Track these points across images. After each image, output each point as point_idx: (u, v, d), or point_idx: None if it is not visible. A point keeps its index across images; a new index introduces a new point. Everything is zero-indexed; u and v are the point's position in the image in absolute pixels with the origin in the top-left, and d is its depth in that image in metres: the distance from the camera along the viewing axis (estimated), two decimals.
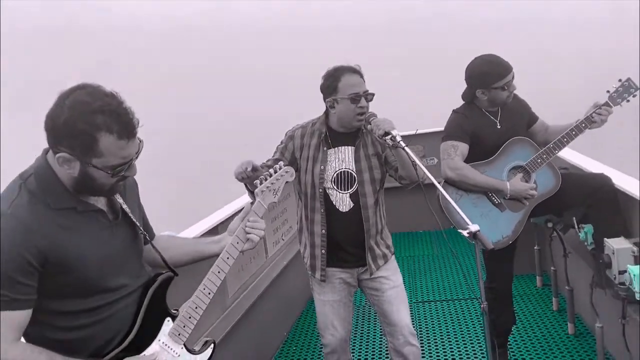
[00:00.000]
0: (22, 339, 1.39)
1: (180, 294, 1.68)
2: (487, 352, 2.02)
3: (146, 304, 1.57)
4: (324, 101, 2.40)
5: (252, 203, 1.76)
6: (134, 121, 1.39)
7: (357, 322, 3.82)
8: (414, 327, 2.60)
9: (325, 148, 2.40)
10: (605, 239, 2.45)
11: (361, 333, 3.73)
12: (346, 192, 2.40)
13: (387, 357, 3.28)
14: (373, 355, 3.46)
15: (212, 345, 1.68)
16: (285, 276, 3.81)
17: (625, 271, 2.31)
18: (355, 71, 2.34)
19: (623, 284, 2.35)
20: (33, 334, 1.41)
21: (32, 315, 1.37)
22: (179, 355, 1.57)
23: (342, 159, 2.41)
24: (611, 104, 2.57)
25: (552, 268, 3.65)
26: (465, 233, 1.94)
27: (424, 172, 2.15)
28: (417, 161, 2.17)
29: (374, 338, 3.65)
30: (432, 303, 4.06)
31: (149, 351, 1.52)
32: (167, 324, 1.58)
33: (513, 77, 2.67)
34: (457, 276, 4.52)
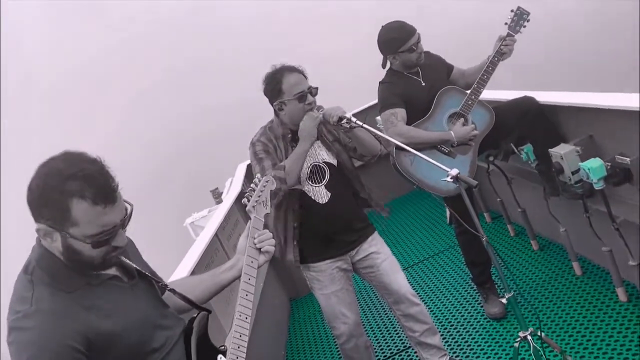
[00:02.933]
0: None
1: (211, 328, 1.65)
2: (501, 277, 2.14)
3: (194, 349, 1.52)
4: (271, 105, 2.42)
5: (249, 220, 1.77)
6: (113, 185, 1.31)
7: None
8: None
9: (294, 145, 2.42)
10: (550, 149, 2.68)
11: (369, 315, 3.81)
12: (320, 184, 2.45)
13: (402, 329, 3.37)
14: (388, 330, 3.54)
15: None
16: (265, 297, 3.78)
17: (578, 170, 2.54)
18: (294, 69, 2.38)
19: (579, 181, 2.59)
20: None
21: None
22: None
23: (310, 154, 2.45)
24: (513, 34, 2.81)
25: (498, 199, 3.91)
26: (448, 179, 2.05)
27: (389, 139, 2.25)
28: (378, 132, 2.27)
29: (381, 315, 3.74)
30: (416, 265, 4.22)
31: None
32: None
33: (419, 39, 2.85)
34: (429, 233, 4.74)
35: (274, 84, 2.36)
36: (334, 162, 2.50)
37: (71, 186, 1.25)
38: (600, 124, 2.63)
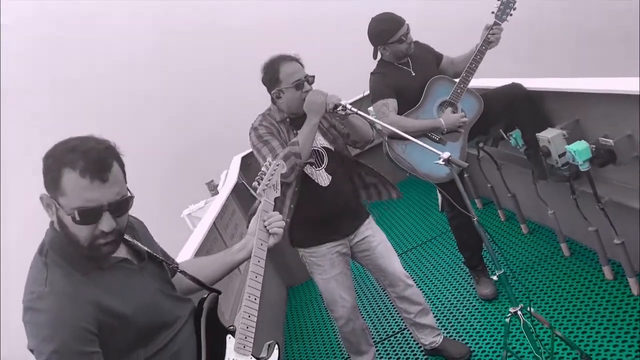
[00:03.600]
0: None
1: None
2: (491, 255, 2.24)
3: (204, 329, 1.59)
4: (269, 93, 2.49)
5: (259, 203, 1.83)
6: (107, 164, 1.33)
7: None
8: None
9: (295, 131, 2.49)
10: (537, 134, 2.78)
11: (364, 300, 3.92)
12: (321, 167, 2.52)
13: (396, 312, 3.47)
14: (383, 313, 3.65)
15: (276, 347, 1.74)
16: (263, 285, 3.85)
17: (564, 153, 2.64)
18: (292, 59, 2.44)
19: (565, 164, 2.68)
20: None
21: None
22: None
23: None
24: (499, 22, 2.90)
25: (489, 185, 4.01)
26: (440, 162, 2.14)
27: (384, 126, 2.34)
28: (373, 119, 2.35)
29: (376, 300, 3.84)
30: (410, 252, 4.32)
31: None
32: (230, 341, 1.61)
33: (408, 30, 2.93)
34: (422, 220, 4.84)
35: (272, 73, 2.42)
36: (331, 147, 2.58)
37: (68, 157, 1.30)
38: (584, 108, 2.73)
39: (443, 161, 2.14)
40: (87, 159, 1.29)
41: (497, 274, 2.27)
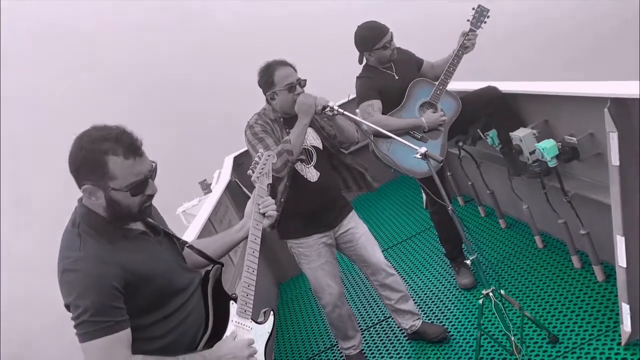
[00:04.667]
0: None
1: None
2: (465, 241, 2.45)
3: (211, 295, 1.82)
4: (265, 95, 2.70)
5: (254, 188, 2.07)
6: (137, 142, 1.59)
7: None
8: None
9: (288, 130, 2.69)
10: (510, 133, 3.00)
11: (350, 290, 4.14)
12: (310, 165, 2.73)
13: (381, 302, 3.69)
14: (369, 302, 3.87)
15: (271, 313, 1.95)
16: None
17: (534, 151, 2.87)
18: (285, 63, 2.65)
19: (536, 161, 2.91)
20: (135, 352, 1.59)
21: None
22: (251, 328, 1.83)
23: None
24: (474, 29, 3.13)
25: (470, 183, 4.24)
26: (418, 156, 2.36)
27: (370, 126, 2.55)
28: (359, 119, 2.57)
29: (362, 290, 4.05)
30: (395, 247, 4.55)
31: (228, 332, 1.77)
32: (233, 306, 1.84)
33: (392, 37, 3.14)
34: (407, 217, 5.07)
35: (267, 76, 2.63)
36: (320, 145, 2.79)
37: (104, 146, 1.53)
38: (553, 110, 2.96)
39: (420, 155, 2.36)
40: (122, 142, 1.55)
41: (470, 259, 2.48)
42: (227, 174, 4.85)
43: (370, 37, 3.10)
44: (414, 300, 3.21)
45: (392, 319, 3.45)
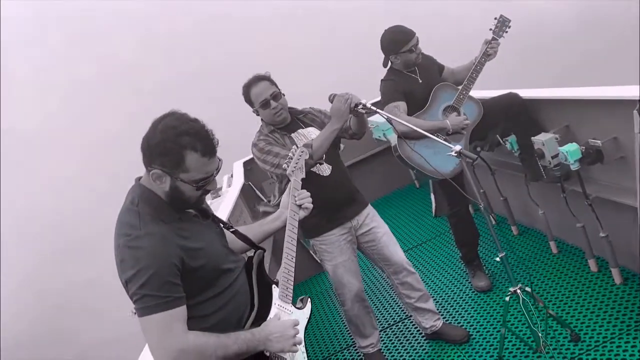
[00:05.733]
0: None
1: None
2: (495, 239, 2.51)
3: (255, 278, 1.86)
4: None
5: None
6: (214, 141, 1.66)
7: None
8: None
9: (286, 135, 2.78)
10: (532, 137, 3.09)
11: (368, 291, 4.18)
12: (322, 161, 2.78)
13: (397, 303, 3.77)
14: (388, 302, 3.91)
15: (309, 300, 1.99)
16: None
17: (557, 155, 2.95)
18: (259, 79, 2.75)
19: (557, 165, 2.99)
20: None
21: None
22: (292, 312, 1.88)
23: (308, 137, 2.79)
24: (497, 37, 3.22)
25: (482, 190, 4.31)
26: (453, 154, 2.42)
27: (402, 122, 2.62)
28: (391, 116, 2.63)
29: (380, 290, 4.10)
30: (406, 252, 4.56)
31: (272, 314, 1.82)
32: (275, 290, 1.89)
33: (417, 41, 3.23)
34: (416, 224, 5.13)
35: (246, 95, 2.77)
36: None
37: (185, 140, 1.60)
38: (574, 115, 3.05)
39: (455, 153, 2.42)
40: (201, 140, 1.61)
41: (500, 256, 2.54)
42: (241, 177, 4.90)
43: (397, 40, 3.18)
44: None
45: (410, 319, 3.51)
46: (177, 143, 1.59)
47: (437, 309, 3.46)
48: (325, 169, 2.82)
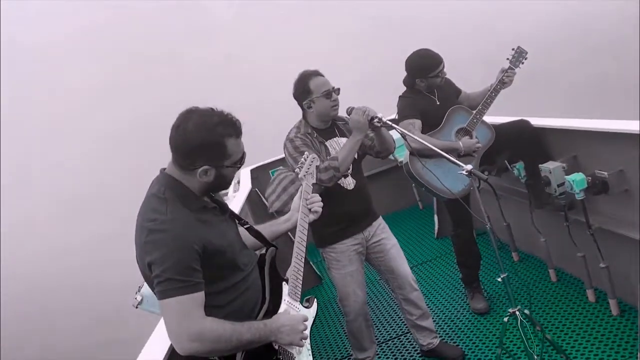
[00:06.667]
0: None
1: None
2: (498, 259, 2.57)
3: (268, 274, 1.93)
4: (301, 105, 2.86)
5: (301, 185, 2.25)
6: (239, 121, 1.77)
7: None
8: None
9: (322, 143, 2.84)
10: (540, 165, 3.16)
11: (370, 304, 4.21)
12: (347, 174, 2.86)
13: (393, 320, 3.79)
14: (390, 315, 3.96)
15: (315, 300, 2.05)
16: None
17: (563, 183, 3.02)
18: (319, 73, 2.82)
19: (562, 193, 3.06)
20: None
21: None
22: (299, 310, 1.94)
23: (335, 149, 2.86)
24: (513, 67, 3.32)
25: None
26: (464, 172, 2.49)
27: (416, 139, 2.69)
28: (405, 131, 2.71)
29: (383, 303, 4.13)
30: (413, 268, 4.62)
31: (281, 309, 1.88)
32: (285, 287, 1.95)
33: (444, 67, 3.32)
34: (418, 244, 5.18)
35: (303, 86, 2.80)
36: (356, 155, 2.92)
37: (220, 130, 1.69)
38: (582, 146, 3.13)
39: (466, 172, 2.50)
40: (230, 124, 1.72)
41: (501, 277, 2.60)
42: (248, 184, 4.98)
43: (427, 65, 3.25)
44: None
45: (407, 335, 3.55)
46: (215, 136, 1.69)
47: (435, 327, 3.51)
48: (349, 183, 2.88)
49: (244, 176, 5.47)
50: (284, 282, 1.96)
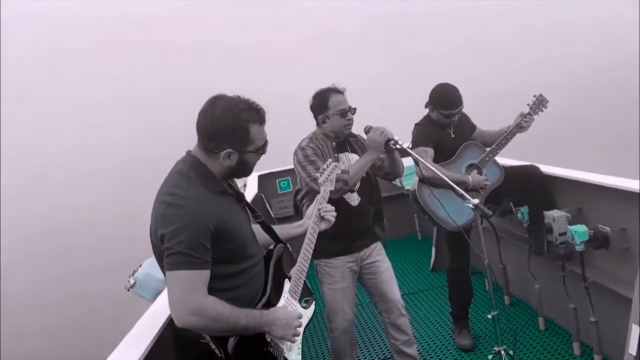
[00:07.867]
0: None
1: None
2: (491, 296, 2.59)
3: (272, 268, 1.98)
4: (316, 118, 2.91)
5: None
6: (263, 109, 1.84)
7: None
8: None
9: (336, 154, 2.89)
10: (544, 212, 3.20)
11: (357, 325, 4.21)
12: (353, 190, 2.90)
13: (377, 345, 3.80)
14: (374, 338, 3.95)
15: (313, 302, 2.09)
16: None
17: (565, 233, 3.06)
18: (339, 91, 2.88)
19: (563, 243, 3.09)
20: None
21: None
22: (297, 308, 1.99)
23: (349, 163, 2.91)
24: (532, 114, 3.38)
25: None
26: (470, 206, 2.53)
27: (427, 166, 2.74)
28: (418, 157, 2.76)
29: (370, 325, 4.10)
30: (404, 296, 4.64)
31: (279, 304, 1.93)
32: (287, 284, 2.00)
33: (459, 111, 3.36)
34: (412, 274, 5.21)
35: (321, 100, 2.86)
36: (365, 175, 2.96)
37: (245, 115, 1.76)
38: (589, 198, 3.17)
39: (472, 205, 2.54)
40: (255, 111, 1.79)
41: (492, 314, 2.63)
42: (254, 188, 5.04)
43: (444, 101, 3.32)
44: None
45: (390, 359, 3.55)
46: (240, 121, 1.75)
47: (419, 357, 3.52)
48: (354, 199, 2.91)
49: (251, 181, 5.52)
50: (286, 279, 2.01)
